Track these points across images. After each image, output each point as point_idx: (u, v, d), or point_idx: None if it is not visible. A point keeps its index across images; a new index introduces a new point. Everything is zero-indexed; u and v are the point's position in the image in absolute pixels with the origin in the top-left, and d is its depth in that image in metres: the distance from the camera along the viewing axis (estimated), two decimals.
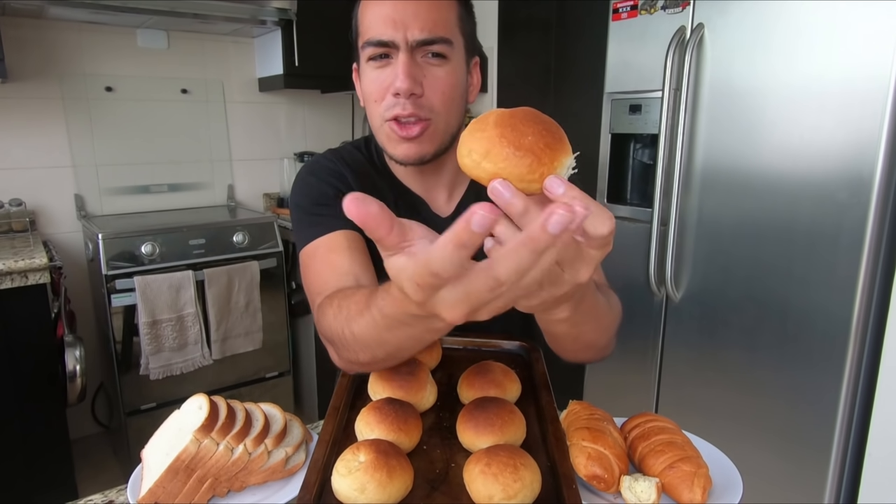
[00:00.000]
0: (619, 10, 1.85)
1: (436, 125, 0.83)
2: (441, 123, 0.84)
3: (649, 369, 1.90)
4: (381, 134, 0.86)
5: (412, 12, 0.78)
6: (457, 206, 0.97)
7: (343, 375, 0.78)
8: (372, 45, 0.80)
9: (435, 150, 0.86)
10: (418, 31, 0.78)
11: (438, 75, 0.81)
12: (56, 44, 2.26)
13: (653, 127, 1.80)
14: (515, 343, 0.91)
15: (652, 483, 0.62)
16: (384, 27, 0.79)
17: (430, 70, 0.81)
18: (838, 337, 1.43)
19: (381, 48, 0.80)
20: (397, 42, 0.78)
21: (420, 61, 0.80)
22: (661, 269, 1.78)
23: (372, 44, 0.80)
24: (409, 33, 0.78)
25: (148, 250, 2.04)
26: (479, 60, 0.90)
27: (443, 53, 0.80)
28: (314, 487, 0.58)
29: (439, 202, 0.97)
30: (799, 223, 1.49)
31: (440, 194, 0.97)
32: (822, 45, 1.41)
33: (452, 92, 0.83)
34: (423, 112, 0.81)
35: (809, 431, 1.51)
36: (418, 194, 0.95)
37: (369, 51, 0.81)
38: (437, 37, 0.79)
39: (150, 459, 0.66)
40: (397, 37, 0.78)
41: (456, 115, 0.86)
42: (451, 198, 0.97)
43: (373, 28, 0.80)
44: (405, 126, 0.82)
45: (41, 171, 2.30)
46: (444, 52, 0.81)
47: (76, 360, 1.81)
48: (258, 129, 2.80)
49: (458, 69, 0.83)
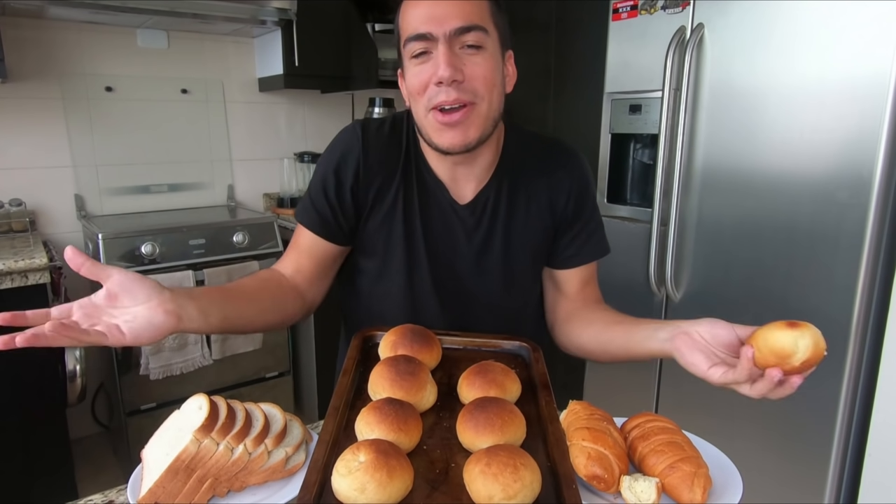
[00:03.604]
0: (619, 10, 1.85)
1: (479, 109, 0.86)
2: (484, 107, 0.87)
3: (649, 369, 1.90)
4: (426, 125, 0.89)
5: (448, 7, 0.83)
6: (476, 195, 0.98)
7: (343, 375, 0.79)
8: (412, 41, 0.85)
9: (479, 136, 0.88)
10: (455, 21, 0.83)
11: (477, 62, 0.85)
12: (56, 44, 2.26)
13: (653, 127, 1.80)
14: (515, 343, 0.91)
15: (652, 483, 0.62)
16: (422, 23, 0.84)
17: (468, 59, 0.84)
18: (838, 337, 1.43)
19: (422, 42, 0.84)
20: (436, 34, 0.83)
21: (458, 52, 0.84)
22: (661, 269, 1.78)
23: (412, 38, 0.85)
24: (447, 24, 0.83)
25: (148, 250, 2.04)
26: (512, 54, 0.94)
27: (479, 44, 0.84)
28: (314, 487, 0.58)
29: (463, 191, 0.99)
30: (799, 223, 1.49)
31: (467, 184, 0.98)
32: (822, 45, 1.41)
33: (493, 77, 0.86)
34: (466, 96, 0.84)
35: (809, 431, 1.51)
36: (442, 180, 0.98)
37: (410, 47, 0.86)
38: (472, 24, 0.83)
39: (150, 459, 0.66)
40: (435, 29, 0.83)
41: (497, 101, 0.89)
42: (476, 188, 0.99)
43: (412, 25, 0.85)
44: (449, 113, 0.85)
45: (41, 171, 2.30)
46: (480, 41, 0.84)
47: (76, 360, 1.81)
48: (258, 129, 2.80)
49: (494, 57, 0.87)
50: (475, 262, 1.00)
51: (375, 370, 0.77)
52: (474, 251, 0.99)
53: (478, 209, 0.98)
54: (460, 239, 0.99)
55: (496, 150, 0.98)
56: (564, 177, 1.00)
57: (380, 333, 0.90)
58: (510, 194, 0.99)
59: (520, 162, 1.00)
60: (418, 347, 0.83)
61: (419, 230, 0.98)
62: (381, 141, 0.98)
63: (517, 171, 1.00)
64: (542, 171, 1.00)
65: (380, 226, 0.99)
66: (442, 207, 0.98)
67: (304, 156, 2.77)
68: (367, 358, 0.87)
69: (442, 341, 0.89)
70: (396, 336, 0.85)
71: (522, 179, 1.00)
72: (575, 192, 1.01)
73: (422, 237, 0.98)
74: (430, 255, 0.98)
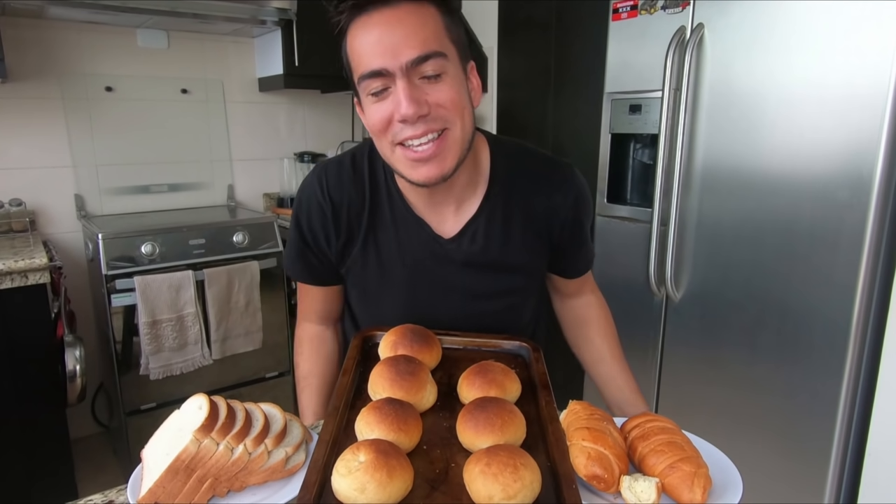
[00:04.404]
0: (619, 10, 1.85)
1: (453, 134, 0.82)
2: (458, 131, 0.82)
3: (649, 369, 1.90)
4: (396, 162, 0.84)
5: (400, 35, 0.76)
6: (462, 227, 0.94)
7: (343, 375, 0.79)
8: (367, 78, 0.78)
9: (456, 163, 0.84)
10: (410, 51, 0.76)
11: (441, 89, 0.79)
12: (56, 44, 2.26)
13: (653, 127, 1.80)
14: (515, 343, 0.91)
15: (652, 483, 0.62)
16: (375, 57, 0.77)
17: (430, 88, 0.78)
18: (838, 336, 1.43)
19: (378, 79, 0.78)
20: (391, 69, 0.76)
21: (418, 83, 0.78)
22: (661, 269, 1.78)
23: (367, 76, 0.78)
24: (402, 56, 0.76)
25: (148, 250, 2.04)
26: (474, 64, 0.88)
27: (438, 72, 0.78)
28: (314, 487, 0.58)
29: (445, 221, 0.94)
30: (799, 223, 1.49)
31: (447, 212, 0.94)
32: (822, 45, 1.41)
33: (460, 100, 0.81)
34: (436, 125, 0.79)
35: (809, 431, 1.51)
36: (421, 216, 0.94)
37: (366, 85, 0.79)
38: (429, 51, 0.77)
39: (150, 459, 0.66)
40: (391, 64, 0.76)
41: (469, 121, 0.84)
42: (457, 216, 0.94)
43: (364, 60, 0.78)
44: (419, 149, 0.80)
45: (41, 171, 2.30)
46: (440, 68, 0.78)
47: (76, 360, 1.81)
48: (258, 129, 2.80)
49: (457, 80, 0.81)
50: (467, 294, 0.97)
51: (375, 370, 0.77)
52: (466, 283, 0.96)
53: (465, 242, 0.94)
54: (449, 276, 0.95)
55: (474, 164, 0.93)
56: (562, 202, 0.96)
57: (380, 333, 0.90)
58: (505, 219, 0.95)
59: (512, 184, 0.95)
60: (418, 347, 0.83)
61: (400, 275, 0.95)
62: (343, 183, 0.94)
63: (511, 194, 0.95)
64: (539, 190, 0.96)
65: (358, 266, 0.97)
66: (425, 244, 0.94)
67: (304, 156, 2.77)
68: (367, 358, 0.87)
69: (442, 341, 0.89)
70: (396, 336, 0.85)
71: (518, 201, 0.95)
72: (571, 217, 0.98)
73: (403, 280, 0.95)
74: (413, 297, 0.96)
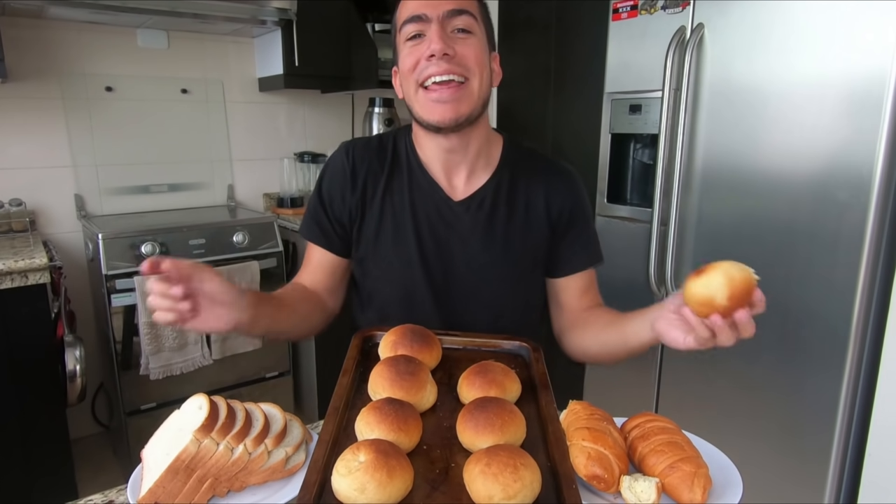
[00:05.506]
0: (619, 10, 1.85)
1: (470, 85, 0.91)
2: (475, 84, 0.91)
3: (649, 369, 1.90)
4: (417, 104, 0.94)
5: None
6: (472, 194, 1.01)
7: (343, 375, 0.79)
8: (408, 23, 0.91)
9: (470, 113, 0.92)
10: (448, 4, 0.90)
11: (468, 42, 0.91)
12: (56, 44, 2.26)
13: (653, 127, 1.80)
14: (515, 343, 0.91)
15: (652, 483, 0.62)
16: (417, 8, 0.91)
17: (459, 40, 0.91)
18: (838, 336, 1.43)
19: (416, 24, 0.90)
20: (430, 16, 0.90)
21: (450, 34, 0.90)
22: (661, 269, 1.78)
23: (408, 21, 0.91)
24: (440, 8, 0.90)
25: (148, 250, 2.04)
26: (498, 56, 0.99)
27: (469, 28, 0.91)
28: (314, 487, 0.58)
29: (456, 185, 1.01)
30: (799, 223, 1.49)
31: (459, 175, 1.01)
32: (822, 45, 1.41)
33: (482, 58, 0.92)
34: (457, 69, 0.89)
35: (809, 431, 1.51)
36: (434, 178, 1.01)
37: (406, 30, 0.92)
38: (463, 8, 0.90)
39: (150, 459, 0.66)
40: (429, 12, 0.90)
41: (486, 82, 0.94)
42: (469, 182, 1.01)
43: (408, 9, 0.92)
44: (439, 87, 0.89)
45: (41, 170, 2.30)
46: (470, 25, 0.91)
47: (76, 360, 1.81)
48: (258, 129, 2.80)
49: (483, 43, 0.93)
50: (471, 261, 1.01)
51: (375, 370, 0.77)
52: (471, 249, 1.00)
53: (473, 206, 1.00)
54: (454, 236, 1.00)
55: (486, 140, 1.01)
56: (562, 188, 1.04)
57: (380, 333, 0.90)
58: (509, 196, 1.01)
59: (519, 167, 1.04)
60: (418, 347, 0.83)
61: (410, 230, 1.00)
62: (368, 153, 1.04)
63: (517, 175, 1.03)
64: (541, 179, 1.04)
65: (371, 228, 1.02)
66: (436, 205, 1.00)
67: (304, 156, 2.77)
68: (367, 358, 0.87)
69: (442, 341, 0.89)
70: (396, 336, 0.85)
71: (521, 184, 1.03)
72: (570, 204, 1.04)
73: (413, 235, 1.00)
74: (421, 252, 1.00)
